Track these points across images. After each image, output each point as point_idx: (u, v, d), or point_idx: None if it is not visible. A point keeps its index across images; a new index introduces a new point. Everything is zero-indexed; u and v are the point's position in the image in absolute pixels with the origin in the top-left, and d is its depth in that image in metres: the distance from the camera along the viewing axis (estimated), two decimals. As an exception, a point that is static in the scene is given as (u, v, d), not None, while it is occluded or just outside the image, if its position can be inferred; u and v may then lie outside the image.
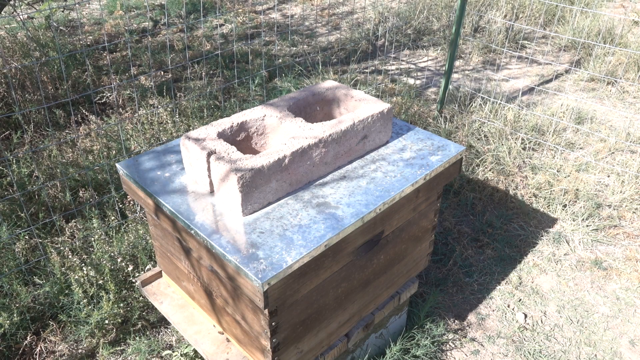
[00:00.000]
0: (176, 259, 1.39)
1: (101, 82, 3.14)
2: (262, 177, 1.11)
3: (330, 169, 1.27)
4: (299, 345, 1.25)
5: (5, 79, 2.74)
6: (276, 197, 1.17)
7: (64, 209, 2.09)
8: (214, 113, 2.77)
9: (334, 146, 1.24)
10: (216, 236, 1.07)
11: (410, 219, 1.37)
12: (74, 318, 1.73)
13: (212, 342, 1.36)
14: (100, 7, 4.50)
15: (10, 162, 2.22)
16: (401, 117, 2.83)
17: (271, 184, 1.13)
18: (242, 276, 1.02)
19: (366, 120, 1.29)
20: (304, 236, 1.07)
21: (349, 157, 1.31)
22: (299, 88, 3.19)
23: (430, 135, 1.44)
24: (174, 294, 1.52)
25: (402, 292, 1.55)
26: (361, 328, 1.44)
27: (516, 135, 2.67)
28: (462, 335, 1.79)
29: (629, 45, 3.74)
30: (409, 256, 1.50)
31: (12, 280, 1.76)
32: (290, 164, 1.15)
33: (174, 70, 3.41)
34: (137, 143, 2.38)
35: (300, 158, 1.17)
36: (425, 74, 3.60)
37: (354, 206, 1.16)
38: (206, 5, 4.55)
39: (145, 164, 1.32)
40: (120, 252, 1.87)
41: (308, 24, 4.40)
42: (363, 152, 1.34)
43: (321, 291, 1.21)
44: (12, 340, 1.68)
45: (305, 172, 1.21)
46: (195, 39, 3.90)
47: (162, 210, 1.20)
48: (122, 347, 1.71)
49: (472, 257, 2.09)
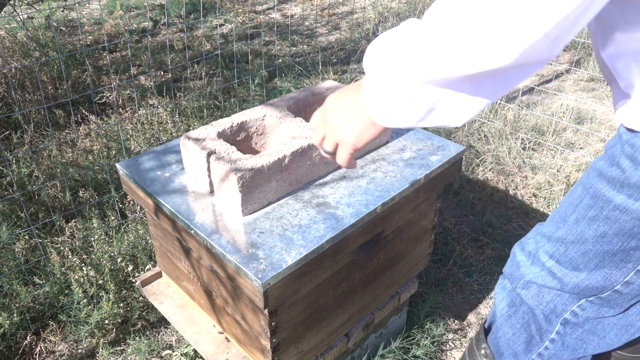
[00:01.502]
0: (176, 259, 1.39)
1: (101, 82, 3.14)
2: (262, 177, 1.11)
3: (330, 169, 1.27)
4: (299, 345, 1.25)
5: (5, 79, 2.74)
6: (276, 197, 1.17)
7: (64, 209, 2.09)
8: (214, 113, 2.77)
9: None
10: (216, 236, 1.07)
11: (410, 219, 1.37)
12: (73, 318, 1.73)
13: (212, 342, 1.36)
14: (100, 7, 4.50)
15: (10, 162, 2.22)
16: (401, 117, 2.83)
17: (271, 183, 1.13)
18: (242, 276, 1.02)
19: None
20: (303, 236, 1.07)
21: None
22: (298, 88, 3.19)
23: (430, 135, 1.44)
24: (174, 294, 1.52)
25: (402, 292, 1.55)
26: (361, 328, 1.44)
27: (516, 135, 2.67)
28: (462, 335, 1.79)
29: (629, 45, 3.74)
30: (409, 256, 1.50)
31: (12, 280, 1.76)
32: (290, 163, 1.15)
33: (174, 70, 3.41)
34: (137, 143, 2.38)
35: (300, 158, 1.17)
36: (425, 74, 3.60)
37: (353, 206, 1.16)
38: (206, 5, 4.55)
39: (145, 164, 1.32)
40: (120, 252, 1.87)
41: (308, 24, 4.40)
42: (364, 152, 1.34)
43: (321, 291, 1.21)
44: (12, 340, 1.68)
45: (305, 172, 1.21)
46: (195, 39, 3.90)
47: (162, 210, 1.20)
48: (122, 347, 1.71)
49: (472, 257, 2.09)
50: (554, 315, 0.97)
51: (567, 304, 0.95)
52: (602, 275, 0.88)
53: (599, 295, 0.91)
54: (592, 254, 0.88)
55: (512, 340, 1.07)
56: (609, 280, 0.88)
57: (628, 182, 0.77)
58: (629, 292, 0.88)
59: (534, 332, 1.02)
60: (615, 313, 0.93)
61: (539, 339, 1.01)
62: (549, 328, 0.99)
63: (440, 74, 0.58)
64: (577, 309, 0.94)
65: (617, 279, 0.87)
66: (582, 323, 0.95)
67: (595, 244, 0.86)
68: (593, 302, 0.92)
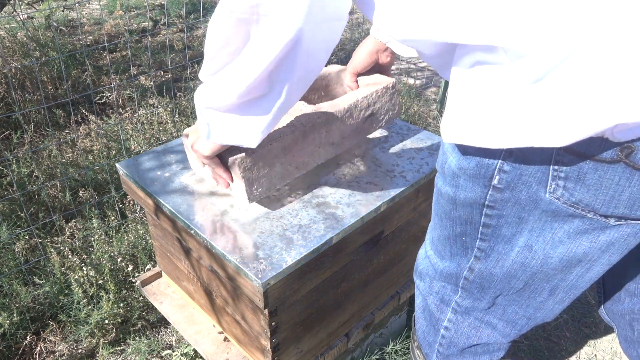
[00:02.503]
0: (176, 259, 1.39)
1: (101, 82, 3.14)
2: (264, 161, 1.08)
3: (338, 150, 1.24)
4: (299, 345, 1.25)
5: (5, 79, 2.74)
6: (283, 182, 1.15)
7: (63, 209, 2.09)
8: (214, 113, 2.77)
9: (339, 124, 1.21)
10: (216, 236, 1.07)
11: (410, 219, 1.37)
12: (73, 318, 1.73)
13: (212, 342, 1.36)
14: (100, 7, 4.51)
15: (10, 162, 2.22)
16: (401, 117, 2.83)
17: (275, 167, 1.11)
18: (242, 276, 1.02)
19: (370, 97, 1.25)
20: (303, 236, 1.07)
21: (357, 136, 1.27)
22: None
23: (430, 135, 1.44)
24: (174, 294, 1.52)
25: (402, 292, 1.55)
26: (361, 328, 1.44)
27: (516, 135, 2.67)
28: (462, 335, 1.79)
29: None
30: (409, 256, 1.50)
31: (12, 280, 1.76)
32: (293, 145, 1.13)
33: (174, 70, 3.41)
34: (137, 143, 2.38)
35: (303, 139, 1.14)
36: (425, 74, 3.60)
37: (354, 206, 1.16)
38: (206, 5, 4.55)
39: (145, 164, 1.32)
40: (120, 252, 1.87)
41: (308, 24, 4.40)
42: (372, 130, 1.32)
43: (321, 291, 1.21)
44: (12, 340, 1.68)
45: (311, 154, 1.18)
46: (195, 39, 3.90)
47: (162, 210, 1.20)
48: (122, 347, 1.71)
49: (472, 257, 2.09)
50: (443, 304, 1.02)
51: (451, 294, 0.99)
52: (455, 263, 0.94)
53: (458, 283, 0.96)
54: (443, 240, 0.94)
55: (426, 331, 1.11)
56: (459, 266, 0.94)
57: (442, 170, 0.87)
58: (474, 279, 0.92)
59: (433, 322, 1.07)
60: (485, 307, 0.96)
61: (437, 327, 1.06)
62: (441, 316, 1.04)
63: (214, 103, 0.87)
64: (459, 299, 0.98)
65: (464, 266, 0.93)
66: (468, 312, 0.99)
67: (441, 229, 0.93)
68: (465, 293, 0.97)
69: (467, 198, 0.83)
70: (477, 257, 0.90)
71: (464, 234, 0.89)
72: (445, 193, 0.88)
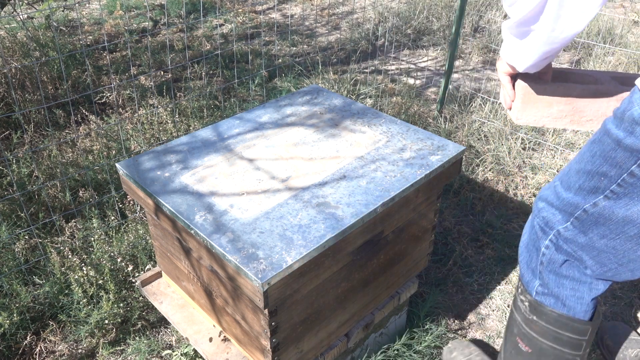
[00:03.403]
0: (176, 259, 1.39)
1: (101, 82, 3.14)
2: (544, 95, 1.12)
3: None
4: (299, 345, 1.25)
5: (5, 79, 2.74)
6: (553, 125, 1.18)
7: (63, 209, 2.09)
8: (214, 113, 2.77)
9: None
10: (216, 236, 1.07)
11: (410, 219, 1.37)
12: (73, 318, 1.73)
13: (212, 342, 1.36)
14: (100, 7, 4.51)
15: (10, 162, 2.22)
16: (401, 117, 2.83)
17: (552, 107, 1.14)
18: (242, 276, 1.02)
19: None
20: (303, 236, 1.07)
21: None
22: (298, 88, 3.19)
23: (430, 135, 1.44)
24: (174, 294, 1.52)
25: (402, 292, 1.55)
26: (361, 328, 1.44)
27: (516, 135, 2.67)
28: (462, 335, 1.79)
29: (629, 46, 3.74)
30: (409, 256, 1.50)
31: (12, 280, 1.76)
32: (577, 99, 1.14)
33: (174, 70, 3.41)
34: (137, 143, 2.39)
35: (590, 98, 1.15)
36: (425, 74, 3.60)
37: (354, 206, 1.16)
38: (206, 5, 4.55)
39: (145, 164, 1.32)
40: (120, 252, 1.87)
41: (308, 24, 4.40)
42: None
43: (321, 291, 1.21)
44: (12, 340, 1.68)
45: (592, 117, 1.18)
46: (195, 39, 3.90)
47: (162, 210, 1.21)
48: (122, 347, 1.71)
49: (472, 257, 2.10)
50: (547, 227, 1.13)
51: (557, 223, 1.11)
52: (580, 196, 1.04)
53: (574, 213, 1.06)
54: (582, 173, 1.03)
55: (528, 259, 1.21)
56: (584, 199, 1.03)
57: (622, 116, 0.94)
58: (593, 212, 1.02)
59: (536, 244, 1.18)
60: (583, 243, 1.07)
61: (539, 246, 1.17)
62: (543, 236, 1.15)
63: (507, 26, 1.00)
64: (563, 229, 1.10)
65: (589, 200, 1.02)
66: (567, 242, 1.10)
67: (587, 163, 1.02)
68: (573, 225, 1.08)
69: (633, 144, 0.91)
70: (607, 196, 0.99)
71: (605, 175, 0.98)
72: (614, 134, 0.95)
